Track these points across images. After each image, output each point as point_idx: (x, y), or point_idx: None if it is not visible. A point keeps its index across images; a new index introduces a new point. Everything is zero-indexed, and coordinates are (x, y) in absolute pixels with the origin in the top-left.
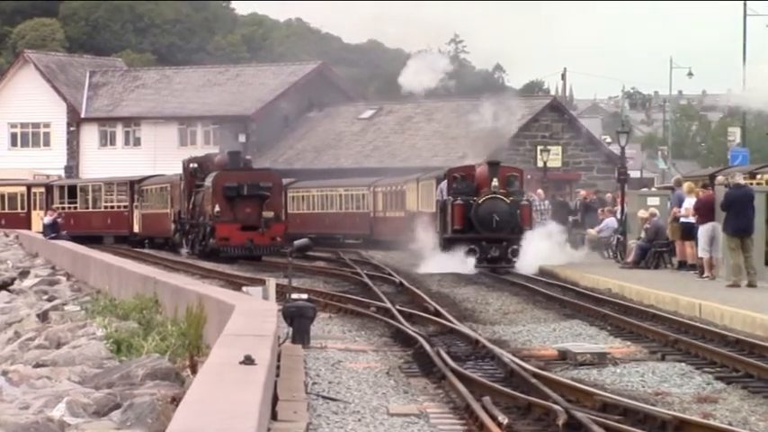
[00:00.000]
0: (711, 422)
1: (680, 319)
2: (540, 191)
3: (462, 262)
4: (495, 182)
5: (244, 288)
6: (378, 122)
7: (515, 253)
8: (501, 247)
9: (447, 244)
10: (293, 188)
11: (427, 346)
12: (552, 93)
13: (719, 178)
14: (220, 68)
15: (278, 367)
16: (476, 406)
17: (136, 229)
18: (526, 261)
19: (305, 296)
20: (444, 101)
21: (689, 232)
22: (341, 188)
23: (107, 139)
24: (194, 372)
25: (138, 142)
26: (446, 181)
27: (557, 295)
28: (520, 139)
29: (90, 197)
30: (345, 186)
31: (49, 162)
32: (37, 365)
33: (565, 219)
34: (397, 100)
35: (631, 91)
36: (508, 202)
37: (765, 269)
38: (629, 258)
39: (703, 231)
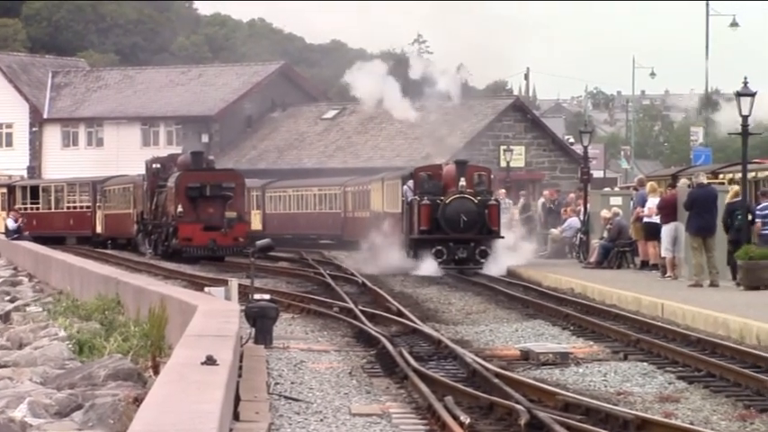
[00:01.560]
0: (673, 421)
1: (642, 319)
2: (502, 190)
3: (429, 263)
4: (462, 181)
5: (206, 288)
6: (341, 122)
7: (483, 254)
8: (469, 248)
9: (413, 245)
10: (271, 188)
11: (390, 347)
12: (515, 93)
13: (682, 180)
14: (183, 68)
15: (240, 368)
16: (438, 406)
17: (98, 229)
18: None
19: (267, 296)
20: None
21: (652, 232)
22: (315, 188)
23: (70, 140)
24: (156, 372)
25: (100, 143)
26: (411, 181)
27: (519, 295)
28: (483, 139)
29: (52, 198)
30: (319, 186)
31: (11, 162)
32: None
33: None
34: (359, 100)
35: (594, 91)
36: (476, 201)
37: (727, 269)
38: (592, 258)
39: (666, 231)
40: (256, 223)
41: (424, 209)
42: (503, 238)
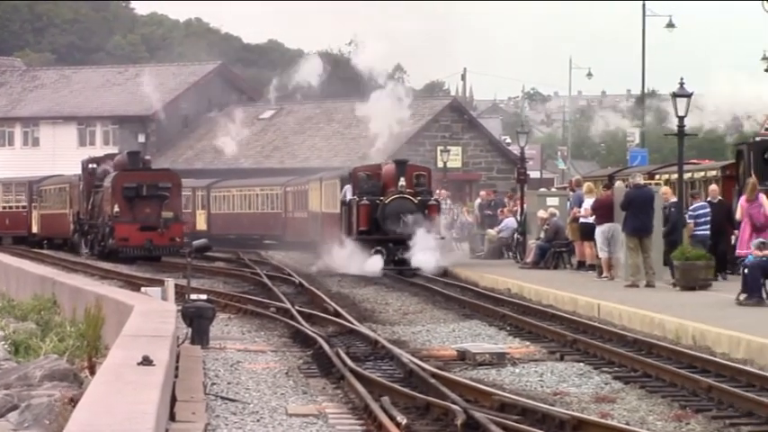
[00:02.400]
0: (609, 422)
1: (579, 319)
2: (443, 191)
3: (368, 263)
4: (402, 181)
5: (143, 289)
6: (278, 123)
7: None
8: (408, 249)
9: (353, 245)
10: (216, 188)
11: (326, 347)
12: (452, 93)
13: (618, 182)
14: (120, 68)
15: (177, 368)
16: (374, 406)
17: (34, 229)
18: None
19: (204, 297)
20: (344, 101)
21: (588, 232)
22: (257, 188)
23: (5, 140)
24: (93, 373)
25: (36, 142)
26: (351, 183)
27: (456, 295)
28: (420, 139)
29: None
30: (261, 186)
31: None
32: None
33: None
34: (296, 100)
35: (531, 91)
36: (416, 201)
37: (664, 269)
38: (529, 258)
39: (600, 232)
40: (201, 223)
41: (363, 209)
42: (443, 238)
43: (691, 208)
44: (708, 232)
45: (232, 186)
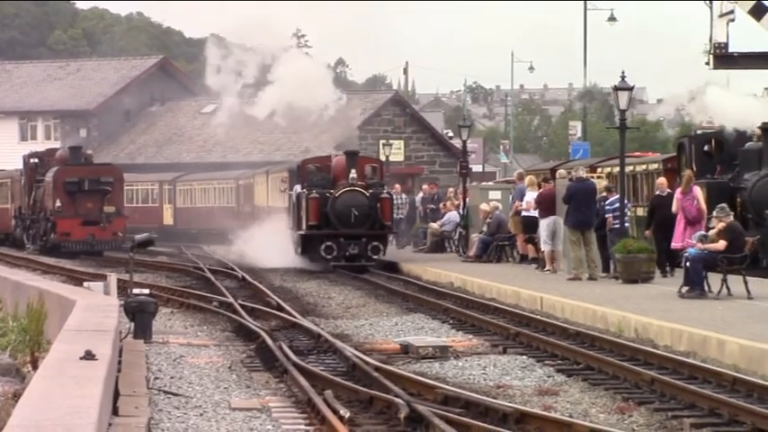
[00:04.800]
0: (552, 414)
1: (521, 313)
2: (397, 185)
3: (317, 259)
4: (353, 173)
5: (85, 283)
6: (220, 117)
7: (375, 250)
8: (360, 244)
9: (302, 241)
10: (181, 182)
11: (269, 341)
12: (394, 87)
13: (560, 172)
14: (61, 63)
15: (119, 362)
16: (318, 400)
17: None
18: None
19: (146, 291)
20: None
21: (530, 226)
22: (215, 182)
23: None
24: (35, 367)
25: None
26: (299, 175)
27: (399, 289)
28: (362, 133)
29: None
30: (218, 180)
31: None
32: None
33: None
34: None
35: (473, 85)
36: (367, 195)
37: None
38: (472, 252)
39: (544, 225)
40: (168, 218)
41: (313, 203)
42: (396, 233)
43: (608, 202)
44: (627, 225)
45: (194, 180)
